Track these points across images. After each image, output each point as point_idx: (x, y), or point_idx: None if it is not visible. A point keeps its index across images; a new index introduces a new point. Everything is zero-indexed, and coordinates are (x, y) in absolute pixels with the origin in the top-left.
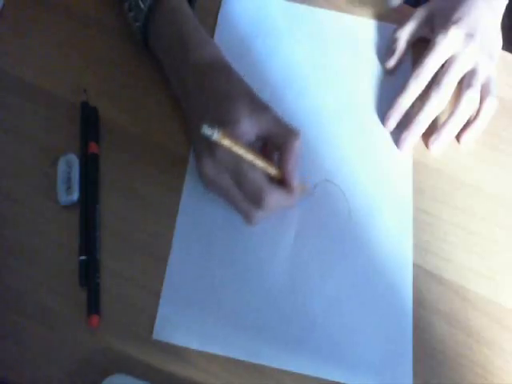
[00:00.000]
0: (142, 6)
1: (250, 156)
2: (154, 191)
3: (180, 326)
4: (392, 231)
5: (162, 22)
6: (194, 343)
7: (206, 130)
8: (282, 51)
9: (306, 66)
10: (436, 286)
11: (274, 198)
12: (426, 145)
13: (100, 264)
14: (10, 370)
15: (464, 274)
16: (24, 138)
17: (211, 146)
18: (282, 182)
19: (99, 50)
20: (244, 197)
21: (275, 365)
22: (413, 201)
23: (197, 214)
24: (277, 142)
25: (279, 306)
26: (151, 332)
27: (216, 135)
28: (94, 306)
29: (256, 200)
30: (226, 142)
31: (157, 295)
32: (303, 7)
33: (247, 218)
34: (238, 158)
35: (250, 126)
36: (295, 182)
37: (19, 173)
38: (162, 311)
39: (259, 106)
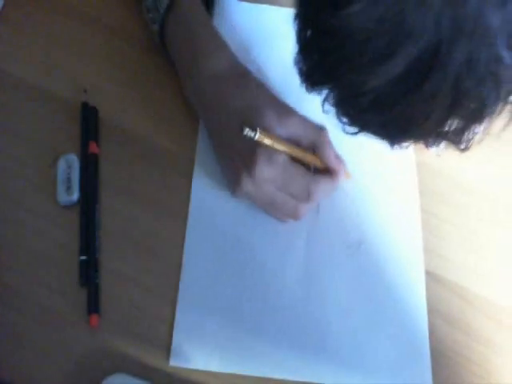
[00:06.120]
0: (160, 8)
1: (293, 149)
2: (153, 191)
3: (197, 349)
4: (401, 235)
5: (175, 26)
6: (213, 365)
7: (248, 132)
8: (279, 59)
9: None
10: (435, 286)
11: (322, 187)
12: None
13: (100, 264)
14: (9, 369)
15: (463, 273)
16: (24, 138)
17: (248, 165)
18: (323, 171)
19: (99, 50)
20: (292, 196)
21: (297, 378)
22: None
23: (207, 222)
24: (308, 140)
25: (295, 317)
26: (151, 332)
27: (258, 135)
28: (93, 305)
29: (305, 195)
30: (268, 141)
31: (156, 295)
32: None
33: (295, 215)
34: (278, 164)
35: (279, 132)
36: (341, 168)
37: (19, 173)
38: (177, 336)
39: (285, 111)
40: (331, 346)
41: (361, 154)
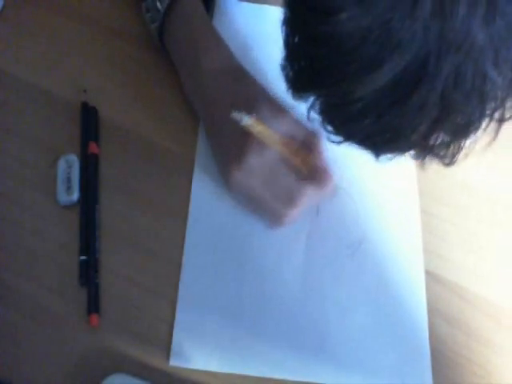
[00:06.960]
0: (160, 7)
1: (285, 142)
2: (153, 191)
3: (197, 349)
4: (401, 235)
5: (176, 25)
6: (213, 365)
7: (237, 116)
8: (279, 59)
9: None
10: (435, 286)
11: (307, 194)
12: None
13: (100, 264)
14: (9, 369)
15: (463, 273)
16: (24, 138)
17: (240, 154)
18: (310, 176)
19: (99, 50)
20: (275, 197)
21: (297, 378)
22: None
23: (207, 222)
24: (300, 140)
25: (295, 317)
26: (151, 332)
27: (248, 119)
28: (93, 305)
29: (289, 198)
30: (260, 128)
31: (156, 295)
32: None
33: (278, 219)
34: (268, 159)
35: (274, 128)
36: (330, 177)
37: (19, 173)
38: (177, 336)
39: (278, 108)
40: (331, 346)
41: (360, 154)
